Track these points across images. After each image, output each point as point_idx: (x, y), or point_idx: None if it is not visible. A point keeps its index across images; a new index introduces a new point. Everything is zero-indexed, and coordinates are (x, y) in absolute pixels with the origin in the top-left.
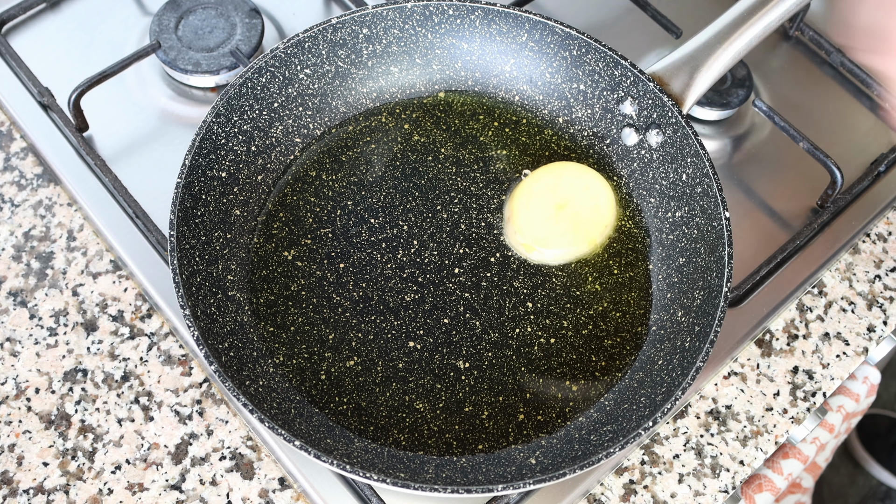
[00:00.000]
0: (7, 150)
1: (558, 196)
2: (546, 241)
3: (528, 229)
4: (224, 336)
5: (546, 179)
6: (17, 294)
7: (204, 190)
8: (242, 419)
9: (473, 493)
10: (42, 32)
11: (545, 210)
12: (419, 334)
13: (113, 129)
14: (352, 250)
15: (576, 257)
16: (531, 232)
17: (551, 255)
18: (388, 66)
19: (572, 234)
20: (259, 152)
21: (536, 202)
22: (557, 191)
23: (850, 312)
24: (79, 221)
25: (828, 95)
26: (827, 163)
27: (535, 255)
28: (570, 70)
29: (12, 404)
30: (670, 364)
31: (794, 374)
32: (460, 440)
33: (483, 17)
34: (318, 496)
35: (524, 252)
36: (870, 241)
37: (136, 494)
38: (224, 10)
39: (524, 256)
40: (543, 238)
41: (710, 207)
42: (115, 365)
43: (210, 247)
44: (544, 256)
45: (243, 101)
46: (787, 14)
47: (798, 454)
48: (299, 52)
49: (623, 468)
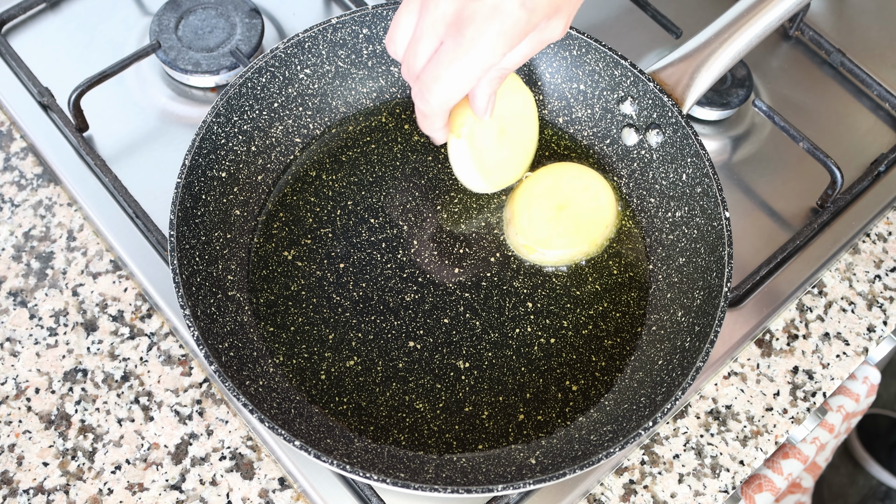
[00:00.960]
0: (7, 150)
1: (559, 197)
2: (547, 242)
3: (530, 231)
4: (224, 336)
5: (546, 181)
6: (17, 294)
7: (204, 190)
8: (242, 419)
9: (473, 493)
10: (42, 32)
11: (546, 211)
12: (419, 334)
13: (113, 129)
14: (352, 250)
15: (577, 258)
16: (532, 233)
17: (553, 256)
18: (388, 66)
19: (573, 234)
20: (259, 152)
21: (537, 204)
22: (558, 192)
23: (850, 312)
24: (79, 221)
25: (828, 95)
26: (827, 163)
27: (536, 257)
28: (570, 70)
29: (12, 404)
30: (670, 364)
31: (794, 374)
32: (460, 440)
33: None
34: (318, 496)
35: (525, 254)
36: (870, 241)
37: (136, 494)
38: (224, 10)
39: (526, 258)
40: (545, 239)
41: (710, 207)
42: (115, 365)
43: (210, 247)
44: (546, 257)
45: (243, 101)
46: (787, 14)
47: (798, 454)
48: (299, 52)
49: (623, 468)
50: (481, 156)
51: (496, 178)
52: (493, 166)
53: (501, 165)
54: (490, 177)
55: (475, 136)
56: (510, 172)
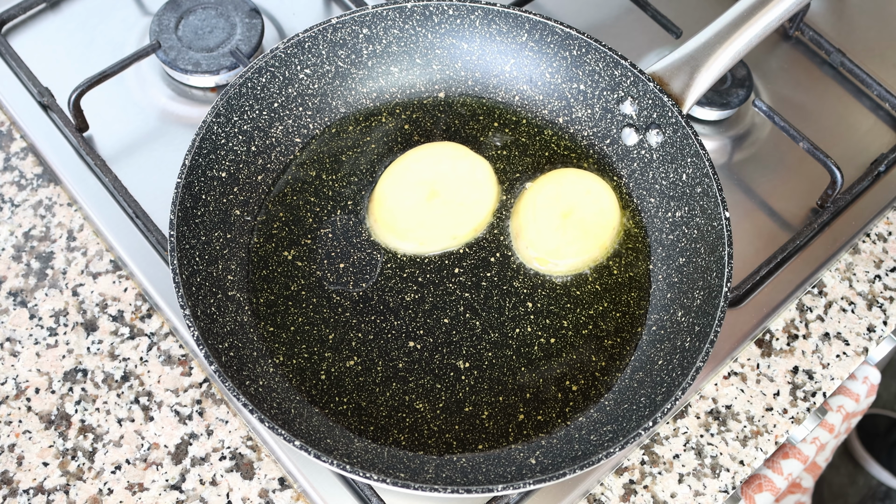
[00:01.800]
0: (7, 150)
1: (562, 205)
2: (558, 251)
3: (539, 243)
4: (224, 336)
5: (547, 190)
6: (17, 294)
7: (204, 190)
8: (242, 419)
9: (473, 493)
10: (42, 32)
11: (552, 220)
12: (419, 334)
13: (113, 129)
14: (352, 250)
15: (589, 264)
16: (542, 245)
17: (565, 266)
18: (388, 66)
19: (582, 240)
20: (259, 152)
21: (542, 214)
22: (561, 199)
23: (850, 312)
24: (79, 221)
25: (828, 95)
26: (827, 163)
27: (549, 268)
28: (570, 70)
29: (12, 404)
30: (670, 364)
31: (794, 374)
32: (460, 440)
33: (483, 17)
34: (318, 496)
35: (539, 266)
36: (870, 241)
37: (136, 494)
38: (224, 10)
39: (539, 271)
40: (555, 249)
41: (710, 207)
42: (115, 365)
43: (210, 247)
44: (559, 268)
45: (243, 101)
46: (787, 14)
47: (798, 454)
48: (299, 52)
49: (623, 468)
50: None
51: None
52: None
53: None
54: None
55: None
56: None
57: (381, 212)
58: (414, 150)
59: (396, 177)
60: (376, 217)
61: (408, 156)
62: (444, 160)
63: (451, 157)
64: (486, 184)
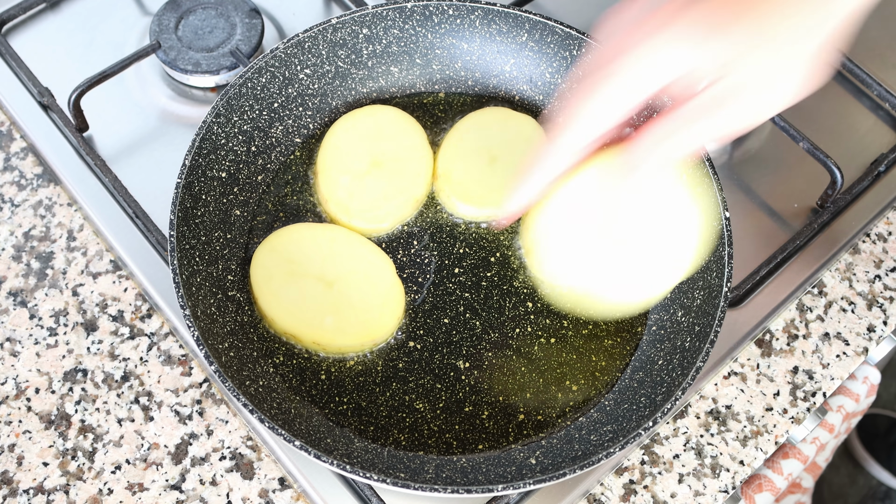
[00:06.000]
0: (7, 150)
1: (489, 151)
2: (483, 198)
3: (466, 189)
4: (224, 336)
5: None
6: (17, 294)
7: (204, 190)
8: (242, 419)
9: (473, 493)
10: (42, 32)
11: (479, 168)
12: (419, 334)
13: (113, 129)
14: None
15: None
16: (467, 190)
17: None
18: (388, 66)
19: None
20: (259, 152)
21: (470, 161)
22: (486, 142)
23: (850, 312)
24: (79, 221)
25: (828, 95)
26: (827, 163)
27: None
28: (571, 70)
29: (12, 404)
30: (670, 364)
31: (794, 374)
32: (460, 440)
33: (483, 17)
34: (318, 496)
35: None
36: (870, 241)
37: (136, 494)
38: (224, 10)
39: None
40: (481, 196)
41: (710, 207)
42: (115, 365)
43: (210, 247)
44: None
45: (243, 101)
46: None
47: (798, 454)
48: (299, 52)
49: (623, 468)
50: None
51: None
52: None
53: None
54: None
55: None
56: None
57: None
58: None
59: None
60: (334, 214)
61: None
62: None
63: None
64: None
